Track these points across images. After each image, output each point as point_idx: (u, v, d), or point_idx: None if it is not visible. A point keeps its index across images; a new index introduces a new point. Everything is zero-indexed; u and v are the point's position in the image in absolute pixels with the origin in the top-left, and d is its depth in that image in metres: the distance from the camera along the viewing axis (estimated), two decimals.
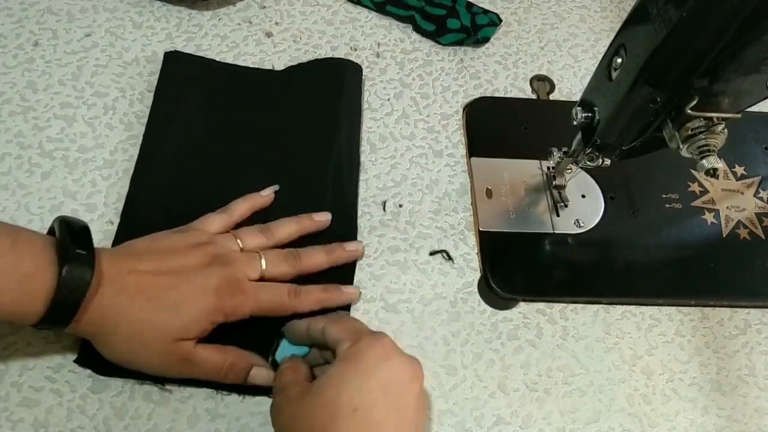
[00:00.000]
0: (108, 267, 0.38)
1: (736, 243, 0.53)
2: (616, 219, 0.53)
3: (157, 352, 0.39)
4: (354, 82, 0.57)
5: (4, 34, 0.57)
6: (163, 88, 0.54)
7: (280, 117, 0.55)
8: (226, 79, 0.56)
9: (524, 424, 0.45)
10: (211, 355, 0.41)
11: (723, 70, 0.36)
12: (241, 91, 0.55)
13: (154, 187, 0.50)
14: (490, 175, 0.54)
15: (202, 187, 0.50)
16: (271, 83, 0.56)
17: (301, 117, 0.55)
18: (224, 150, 0.52)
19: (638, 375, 0.47)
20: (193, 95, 0.54)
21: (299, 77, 0.57)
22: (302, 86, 0.56)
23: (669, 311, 0.50)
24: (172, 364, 0.40)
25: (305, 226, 0.48)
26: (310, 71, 0.57)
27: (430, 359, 0.46)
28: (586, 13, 0.68)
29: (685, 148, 0.40)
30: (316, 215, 0.49)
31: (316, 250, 0.47)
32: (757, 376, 0.48)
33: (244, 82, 0.56)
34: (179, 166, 0.51)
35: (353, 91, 0.57)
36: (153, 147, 0.51)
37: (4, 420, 0.41)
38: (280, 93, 0.56)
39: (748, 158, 0.58)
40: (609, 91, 0.41)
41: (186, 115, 0.53)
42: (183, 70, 0.55)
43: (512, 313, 0.49)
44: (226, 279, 0.42)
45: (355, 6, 0.64)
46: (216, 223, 0.46)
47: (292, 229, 0.47)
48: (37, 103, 0.53)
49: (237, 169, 0.51)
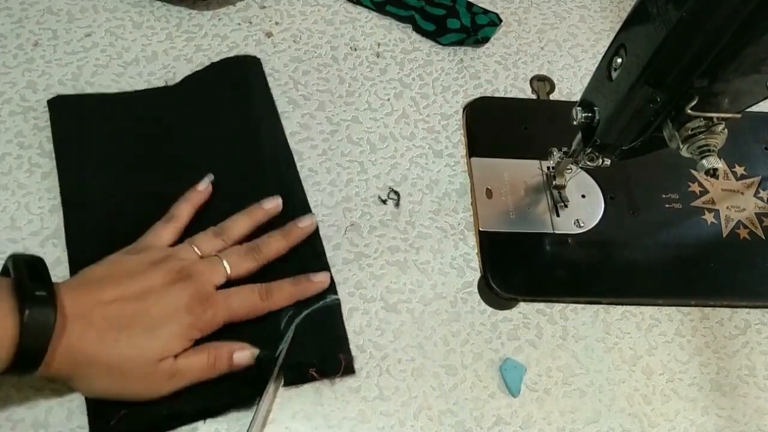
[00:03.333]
0: (71, 304, 0.37)
1: (736, 243, 0.53)
2: (616, 219, 0.53)
3: (141, 379, 0.39)
4: (255, 71, 0.57)
5: (4, 34, 0.57)
6: (61, 136, 0.51)
7: (193, 126, 0.53)
8: (123, 107, 0.53)
9: (524, 424, 0.45)
10: (193, 360, 0.40)
11: (723, 70, 0.36)
12: (145, 112, 0.53)
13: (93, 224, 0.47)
14: (490, 175, 0.54)
15: (141, 208, 0.48)
16: (171, 97, 0.55)
17: (216, 119, 0.54)
18: (149, 174, 0.50)
19: (638, 375, 0.47)
20: (95, 132, 0.51)
21: (198, 84, 0.55)
22: (204, 91, 0.55)
23: (669, 311, 0.50)
24: (159, 386, 0.40)
25: (257, 217, 0.48)
26: (208, 75, 0.56)
27: (430, 359, 0.46)
28: (586, 13, 0.68)
29: (685, 148, 0.40)
30: (265, 203, 0.48)
31: (273, 235, 0.47)
32: (757, 376, 0.48)
33: (143, 104, 0.54)
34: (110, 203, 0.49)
35: (258, 80, 0.56)
36: (74, 194, 0.49)
37: (4, 420, 0.41)
38: (185, 103, 0.54)
39: (748, 158, 0.58)
40: (609, 91, 0.41)
41: (98, 154, 0.51)
42: (74, 113, 0.52)
43: (512, 313, 0.49)
44: (195, 294, 0.41)
45: (355, 6, 0.64)
46: (166, 233, 0.45)
47: (245, 223, 0.47)
48: (37, 103, 0.53)
49: (169, 184, 0.49)
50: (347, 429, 0.43)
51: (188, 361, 0.40)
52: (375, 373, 0.45)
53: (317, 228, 0.49)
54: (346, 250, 0.50)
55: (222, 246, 0.45)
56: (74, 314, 0.37)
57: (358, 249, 0.50)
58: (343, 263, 0.49)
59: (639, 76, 0.38)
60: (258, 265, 0.45)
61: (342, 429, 0.43)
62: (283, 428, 0.43)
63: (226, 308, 0.42)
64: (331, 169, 0.54)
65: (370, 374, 0.45)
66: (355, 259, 0.50)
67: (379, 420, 0.44)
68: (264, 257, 0.46)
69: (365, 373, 0.45)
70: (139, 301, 0.39)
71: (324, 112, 0.57)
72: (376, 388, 0.45)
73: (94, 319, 0.38)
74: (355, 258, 0.50)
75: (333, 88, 0.58)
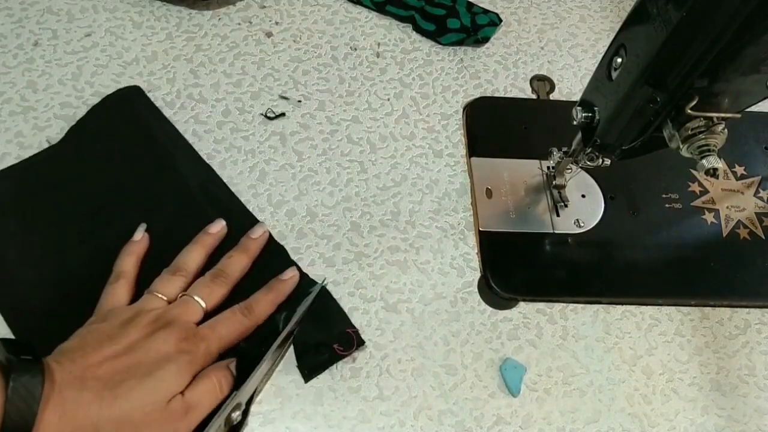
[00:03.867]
0: (58, 372, 0.35)
1: (736, 243, 0.53)
2: (616, 219, 0.53)
3: (156, 424, 0.37)
4: (141, 101, 0.54)
5: (4, 34, 0.57)
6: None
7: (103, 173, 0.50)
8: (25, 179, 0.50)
9: (524, 424, 0.45)
10: (201, 390, 0.39)
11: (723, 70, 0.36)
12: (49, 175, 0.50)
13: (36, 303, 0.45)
14: (490, 175, 0.54)
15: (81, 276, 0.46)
16: (66, 152, 0.51)
17: (122, 160, 0.51)
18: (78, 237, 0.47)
19: (638, 375, 0.47)
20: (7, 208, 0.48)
21: (88, 130, 0.52)
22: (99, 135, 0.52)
23: (669, 311, 0.50)
24: (177, 426, 0.38)
25: (207, 243, 0.47)
26: (95, 117, 0.53)
27: (430, 359, 0.46)
28: (586, 13, 0.68)
29: (685, 148, 0.40)
30: (210, 228, 0.48)
31: (232, 255, 0.46)
32: (757, 376, 0.48)
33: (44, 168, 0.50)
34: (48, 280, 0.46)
35: (146, 107, 0.54)
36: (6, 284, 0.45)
37: None
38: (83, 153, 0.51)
39: (748, 158, 0.58)
40: (609, 91, 0.41)
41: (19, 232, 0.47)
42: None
43: (512, 313, 0.49)
44: (181, 336, 0.40)
45: (355, 6, 0.64)
46: (120, 293, 0.43)
47: (197, 254, 0.46)
48: (37, 103, 0.53)
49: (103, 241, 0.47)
50: (347, 429, 0.43)
51: (196, 392, 0.39)
52: (375, 373, 0.45)
53: (269, 232, 0.49)
54: (346, 250, 0.50)
55: (184, 283, 0.44)
56: (64, 383, 0.35)
57: (358, 249, 0.50)
58: (343, 263, 0.49)
59: (639, 76, 0.38)
60: (228, 289, 0.45)
61: (342, 429, 0.43)
62: (283, 428, 0.43)
63: (217, 338, 0.42)
64: (331, 169, 0.54)
65: (370, 374, 0.45)
66: (355, 259, 0.50)
67: (379, 420, 0.44)
68: (231, 279, 0.45)
69: (365, 373, 0.45)
70: (129, 356, 0.38)
71: (324, 112, 0.57)
72: (376, 388, 0.45)
73: (87, 382, 0.36)
74: (355, 258, 0.50)
75: (333, 88, 0.58)
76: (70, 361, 0.37)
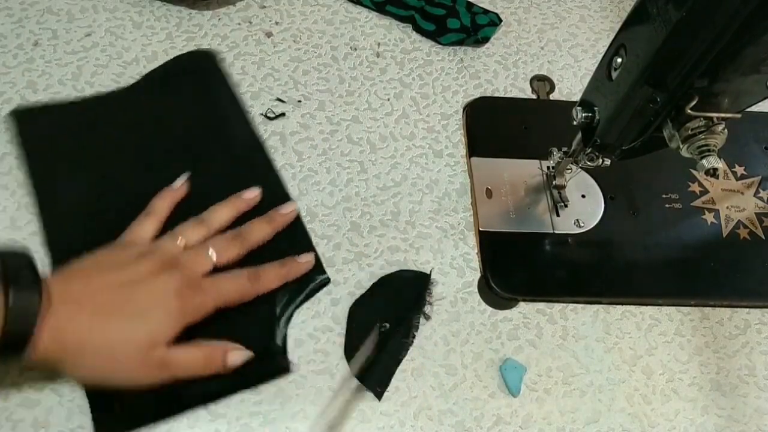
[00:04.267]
0: (59, 290, 0.37)
1: (736, 243, 0.53)
2: (616, 219, 0.53)
3: (132, 365, 0.39)
4: (211, 65, 0.57)
5: (4, 34, 0.57)
6: (29, 149, 0.50)
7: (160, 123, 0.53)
8: (88, 113, 0.53)
9: (524, 424, 0.45)
10: (185, 354, 0.40)
11: (723, 71, 0.36)
12: (110, 116, 0.53)
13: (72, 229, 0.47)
14: (490, 175, 0.54)
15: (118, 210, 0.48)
16: (134, 98, 0.54)
17: (182, 114, 0.54)
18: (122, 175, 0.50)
19: (638, 375, 0.47)
20: (63, 141, 0.51)
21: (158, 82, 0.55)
22: (166, 88, 0.55)
23: (669, 311, 0.50)
24: (150, 373, 0.39)
25: (238, 207, 0.48)
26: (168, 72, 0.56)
27: (430, 359, 0.46)
28: (586, 13, 0.68)
29: (685, 148, 0.40)
30: (245, 193, 0.49)
31: (256, 222, 0.47)
32: (757, 376, 0.48)
33: (107, 108, 0.54)
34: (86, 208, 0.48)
35: (217, 72, 0.57)
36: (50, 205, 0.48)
37: (4, 420, 0.41)
38: (148, 102, 0.54)
39: (748, 158, 0.58)
40: (609, 91, 0.41)
41: (69, 161, 0.50)
42: (39, 124, 0.52)
43: (512, 313, 0.49)
44: (183, 281, 0.41)
45: (355, 6, 0.64)
46: (147, 227, 0.45)
47: (226, 212, 0.47)
48: (37, 103, 0.53)
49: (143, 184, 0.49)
50: (347, 429, 0.43)
51: (180, 354, 0.40)
52: None
53: (299, 214, 0.50)
54: (346, 250, 0.50)
55: (206, 234, 0.46)
56: (62, 299, 0.37)
57: (358, 249, 0.50)
58: (343, 263, 0.49)
59: (639, 76, 0.38)
60: (243, 252, 0.46)
61: (342, 429, 0.43)
62: (283, 428, 0.43)
63: (216, 293, 0.42)
64: (331, 169, 0.54)
65: None
66: (355, 259, 0.50)
67: (379, 420, 0.44)
68: (249, 243, 0.46)
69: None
70: (128, 289, 0.40)
71: (324, 112, 0.57)
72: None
73: (83, 304, 0.38)
74: (355, 258, 0.50)
75: (333, 88, 0.58)
76: (73, 281, 0.39)
